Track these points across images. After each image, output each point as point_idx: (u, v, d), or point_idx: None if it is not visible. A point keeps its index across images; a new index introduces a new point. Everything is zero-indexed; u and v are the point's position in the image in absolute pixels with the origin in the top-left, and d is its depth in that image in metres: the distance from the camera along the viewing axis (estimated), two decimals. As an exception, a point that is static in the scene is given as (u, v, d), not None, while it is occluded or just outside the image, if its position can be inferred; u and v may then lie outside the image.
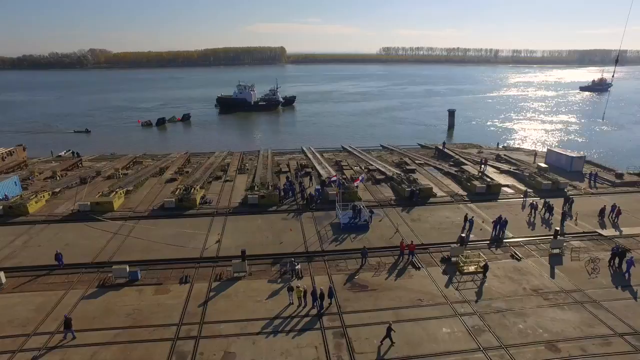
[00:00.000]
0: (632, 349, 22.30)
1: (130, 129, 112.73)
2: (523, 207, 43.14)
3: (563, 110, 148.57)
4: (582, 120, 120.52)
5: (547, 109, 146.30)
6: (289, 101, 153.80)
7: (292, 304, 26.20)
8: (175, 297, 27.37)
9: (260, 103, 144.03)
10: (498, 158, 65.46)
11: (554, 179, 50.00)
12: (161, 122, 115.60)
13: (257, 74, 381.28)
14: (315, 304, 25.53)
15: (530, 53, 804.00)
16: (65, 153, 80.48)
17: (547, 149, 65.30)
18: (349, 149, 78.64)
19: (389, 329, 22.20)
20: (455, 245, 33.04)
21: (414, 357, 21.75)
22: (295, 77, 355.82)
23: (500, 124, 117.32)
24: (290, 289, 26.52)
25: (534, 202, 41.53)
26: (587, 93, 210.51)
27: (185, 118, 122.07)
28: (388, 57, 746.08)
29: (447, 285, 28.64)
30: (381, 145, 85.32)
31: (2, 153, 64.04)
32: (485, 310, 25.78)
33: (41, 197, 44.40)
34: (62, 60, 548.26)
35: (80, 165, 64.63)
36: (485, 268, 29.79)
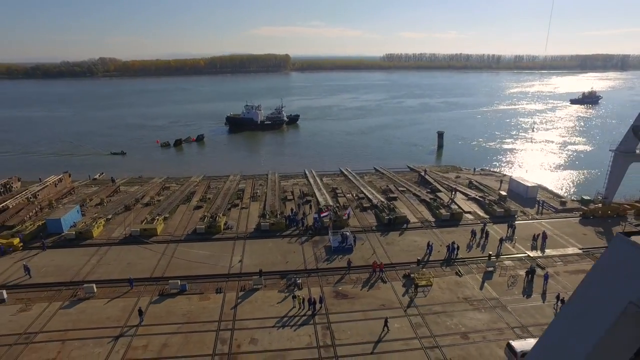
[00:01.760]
0: (517, 336, 34.35)
1: (151, 149, 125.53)
2: (474, 233, 54.62)
3: (546, 127, 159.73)
4: (561, 141, 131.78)
5: (531, 126, 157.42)
6: (293, 120, 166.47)
7: (295, 307, 38.48)
8: (214, 303, 39.74)
9: (266, 122, 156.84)
10: (470, 184, 77.42)
11: (506, 207, 62.03)
12: (178, 143, 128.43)
13: (262, 84, 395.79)
14: (310, 307, 37.79)
15: (532, 59, 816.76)
16: (99, 176, 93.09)
17: (510, 178, 77.10)
18: (346, 172, 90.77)
19: (386, 320, 34.77)
20: (414, 265, 45.28)
21: (375, 342, 33.90)
22: (300, 87, 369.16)
23: (484, 144, 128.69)
24: (294, 297, 38.91)
25: (474, 230, 53.44)
26: (576, 106, 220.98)
27: (200, 139, 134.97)
28: (391, 65, 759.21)
29: (403, 295, 40.81)
30: (374, 168, 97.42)
31: (54, 181, 76.95)
32: (426, 312, 37.93)
33: (100, 223, 56.94)
34: (73, 69, 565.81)
35: (118, 190, 77.15)
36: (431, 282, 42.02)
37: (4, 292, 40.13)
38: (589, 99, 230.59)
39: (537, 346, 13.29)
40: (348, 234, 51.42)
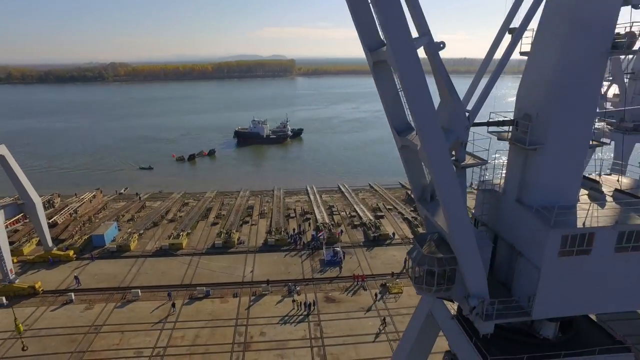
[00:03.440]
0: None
1: (168, 163, 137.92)
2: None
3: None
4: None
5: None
6: (297, 133, 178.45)
7: (294, 309, 50.18)
8: (232, 305, 51.55)
9: (271, 136, 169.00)
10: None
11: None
12: (192, 158, 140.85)
13: (268, 91, 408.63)
14: (306, 309, 49.49)
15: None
16: (125, 190, 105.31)
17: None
18: (343, 189, 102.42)
19: (384, 319, 46.36)
20: (389, 276, 56.91)
21: (352, 335, 45.52)
22: (304, 96, 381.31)
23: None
24: (293, 301, 50.69)
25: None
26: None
27: (211, 153, 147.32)
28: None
29: (379, 300, 52.40)
30: (369, 185, 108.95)
31: (89, 197, 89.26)
32: (394, 313, 49.50)
33: (134, 237, 68.94)
34: (85, 74, 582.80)
35: (144, 206, 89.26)
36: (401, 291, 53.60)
37: (72, 294, 52.21)
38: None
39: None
40: (338, 249, 63.06)
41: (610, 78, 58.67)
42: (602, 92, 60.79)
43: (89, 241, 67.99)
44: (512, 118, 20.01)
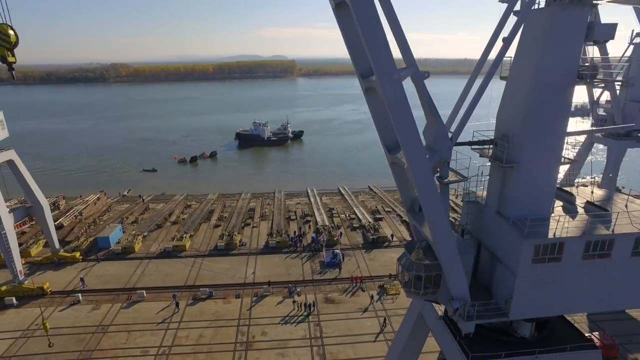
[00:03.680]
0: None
1: (170, 165, 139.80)
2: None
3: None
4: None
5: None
6: (298, 135, 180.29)
7: (294, 309, 51.88)
8: (235, 305, 53.27)
9: (272, 138, 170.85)
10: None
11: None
12: (194, 160, 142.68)
13: (269, 93, 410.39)
14: (306, 309, 51.20)
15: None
16: (128, 192, 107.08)
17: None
18: (342, 191, 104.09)
19: (385, 319, 47.95)
20: (387, 278, 58.59)
21: (351, 335, 47.22)
22: (305, 97, 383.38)
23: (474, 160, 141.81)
24: (294, 301, 52.38)
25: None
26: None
27: (213, 155, 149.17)
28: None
29: (377, 301, 54.09)
30: (369, 187, 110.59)
31: (93, 199, 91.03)
32: (392, 314, 51.18)
33: (139, 239, 70.69)
34: (86, 75, 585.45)
35: (148, 208, 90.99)
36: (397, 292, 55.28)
37: (80, 295, 53.97)
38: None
39: None
40: (338, 251, 64.74)
41: (603, 85, 60.35)
42: (595, 99, 62.57)
43: (94, 243, 69.75)
44: (492, 138, 21.76)
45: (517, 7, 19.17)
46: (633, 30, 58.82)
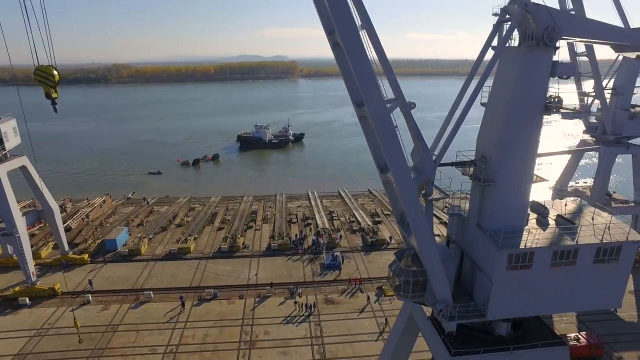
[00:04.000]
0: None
1: (173, 167, 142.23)
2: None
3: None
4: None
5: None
6: (298, 138, 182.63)
7: (296, 310, 54.17)
8: (238, 306, 55.57)
9: (273, 141, 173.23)
10: (446, 209, 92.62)
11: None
12: (196, 162, 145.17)
13: (270, 94, 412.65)
14: (307, 310, 53.49)
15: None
16: (132, 195, 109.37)
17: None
18: (342, 194, 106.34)
19: (386, 320, 50.13)
20: (385, 279, 60.81)
21: (350, 334, 49.48)
22: (306, 98, 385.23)
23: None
24: (295, 302, 54.66)
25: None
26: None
27: (215, 157, 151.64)
28: (394, 72, 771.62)
29: (375, 302, 56.36)
30: (369, 190, 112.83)
31: (99, 202, 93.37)
32: (389, 315, 53.40)
33: (144, 242, 73.00)
34: (88, 76, 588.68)
35: (152, 210, 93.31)
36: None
37: (89, 296, 56.32)
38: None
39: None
40: (338, 254, 67.01)
41: (594, 93, 62.56)
42: (585, 108, 64.73)
43: (101, 245, 72.05)
44: (472, 159, 24.17)
45: (495, 42, 21.57)
46: (622, 42, 60.97)
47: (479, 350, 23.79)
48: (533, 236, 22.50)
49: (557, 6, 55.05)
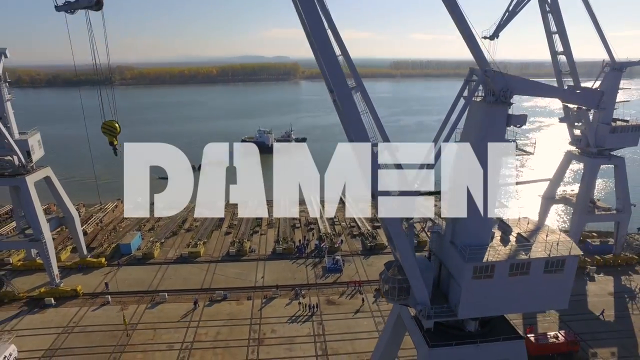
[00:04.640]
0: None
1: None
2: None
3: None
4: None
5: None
6: (301, 142, 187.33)
7: (300, 310, 58.75)
8: (247, 306, 60.19)
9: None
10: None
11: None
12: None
13: (273, 96, 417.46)
14: (310, 310, 58.09)
15: (537, 67, 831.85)
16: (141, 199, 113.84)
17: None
18: (344, 199, 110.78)
19: (383, 319, 54.64)
20: (382, 282, 65.38)
21: (350, 332, 54.04)
22: (308, 101, 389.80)
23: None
24: (299, 303, 59.28)
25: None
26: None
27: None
28: (397, 73, 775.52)
29: (373, 303, 60.91)
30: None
31: (112, 207, 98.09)
32: (386, 315, 57.84)
33: (157, 246, 77.67)
34: (91, 78, 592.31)
35: (162, 216, 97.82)
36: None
37: (109, 297, 61.02)
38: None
39: None
40: (338, 257, 71.60)
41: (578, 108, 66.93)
42: (569, 120, 69.10)
43: (116, 249, 76.75)
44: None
45: (465, 93, 26.48)
46: (604, 60, 65.55)
47: (452, 343, 28.95)
48: (495, 251, 27.58)
49: (540, 21, 60.38)
